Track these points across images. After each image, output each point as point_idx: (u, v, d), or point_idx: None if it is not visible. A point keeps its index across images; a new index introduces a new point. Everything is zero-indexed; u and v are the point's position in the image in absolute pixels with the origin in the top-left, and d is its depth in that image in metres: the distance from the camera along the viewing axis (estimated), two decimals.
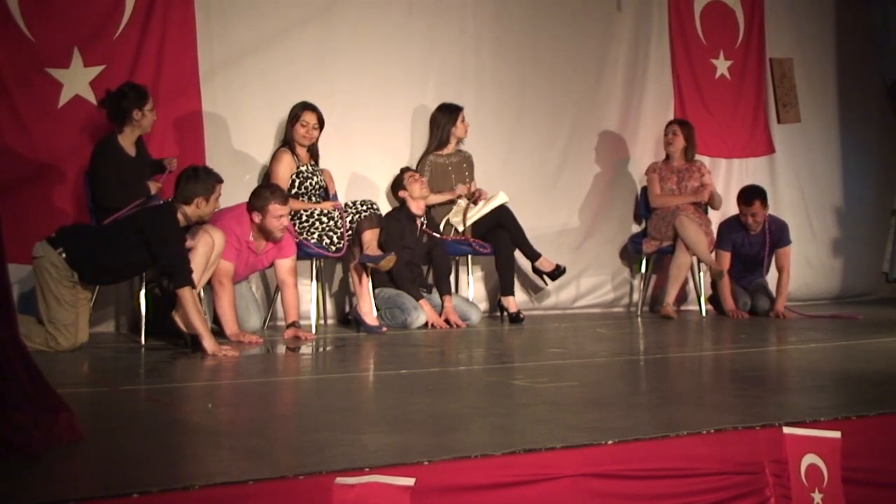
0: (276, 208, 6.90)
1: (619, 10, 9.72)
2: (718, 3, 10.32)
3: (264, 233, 6.98)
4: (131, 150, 6.93)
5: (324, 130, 7.83)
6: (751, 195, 8.97)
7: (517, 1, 9.22)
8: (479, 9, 9.02)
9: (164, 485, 2.83)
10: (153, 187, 6.98)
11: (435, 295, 8.04)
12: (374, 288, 7.74)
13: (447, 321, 7.85)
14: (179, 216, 6.29)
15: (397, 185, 8.07)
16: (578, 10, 9.52)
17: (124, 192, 6.75)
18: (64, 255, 6.15)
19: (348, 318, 7.88)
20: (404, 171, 8.10)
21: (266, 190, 6.96)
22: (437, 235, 8.15)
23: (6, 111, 6.99)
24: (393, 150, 8.58)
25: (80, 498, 2.73)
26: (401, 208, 8.03)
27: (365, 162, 8.41)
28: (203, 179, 6.37)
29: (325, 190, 7.78)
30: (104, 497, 2.75)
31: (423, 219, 8.06)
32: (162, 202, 6.56)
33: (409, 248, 7.94)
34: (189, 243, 6.40)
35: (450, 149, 8.51)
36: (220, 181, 6.48)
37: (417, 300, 7.79)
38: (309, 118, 7.67)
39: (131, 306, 7.19)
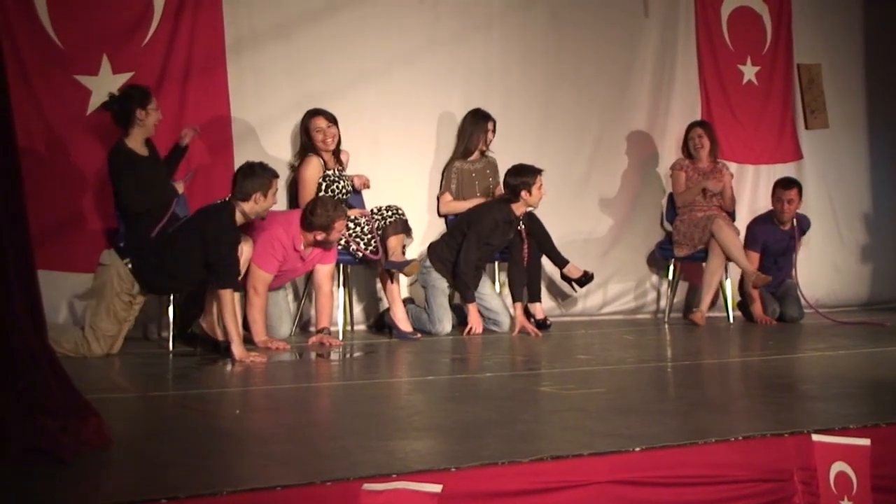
0: (341, 224, 6.95)
1: (646, 16, 9.69)
2: (746, 8, 10.29)
3: (323, 243, 6.99)
4: (143, 151, 6.92)
5: (353, 136, 7.83)
6: (790, 181, 9.07)
7: (543, 7, 9.21)
8: (505, 15, 9.01)
9: (192, 490, 2.84)
10: (180, 187, 6.99)
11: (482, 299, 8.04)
12: (432, 258, 7.81)
13: (521, 330, 7.81)
14: (238, 214, 6.33)
15: (520, 176, 7.88)
16: (605, 16, 9.50)
17: (147, 195, 6.75)
18: (130, 266, 6.20)
19: (384, 324, 7.81)
20: (537, 172, 7.91)
21: (326, 209, 6.89)
22: (521, 237, 8.05)
23: (36, 118, 7.03)
24: (419, 156, 8.59)
25: (108, 503, 2.75)
26: (502, 207, 7.93)
27: (392, 167, 8.39)
28: (260, 175, 6.39)
29: (357, 194, 7.79)
30: (132, 502, 2.76)
31: (521, 219, 7.99)
32: (220, 201, 6.58)
33: (490, 246, 7.92)
34: None
35: (475, 156, 8.52)
36: (276, 176, 6.52)
37: (468, 303, 7.78)
38: (319, 123, 7.66)
39: (159, 312, 7.21)
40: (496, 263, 8.51)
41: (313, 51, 8.11)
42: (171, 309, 6.77)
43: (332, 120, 7.71)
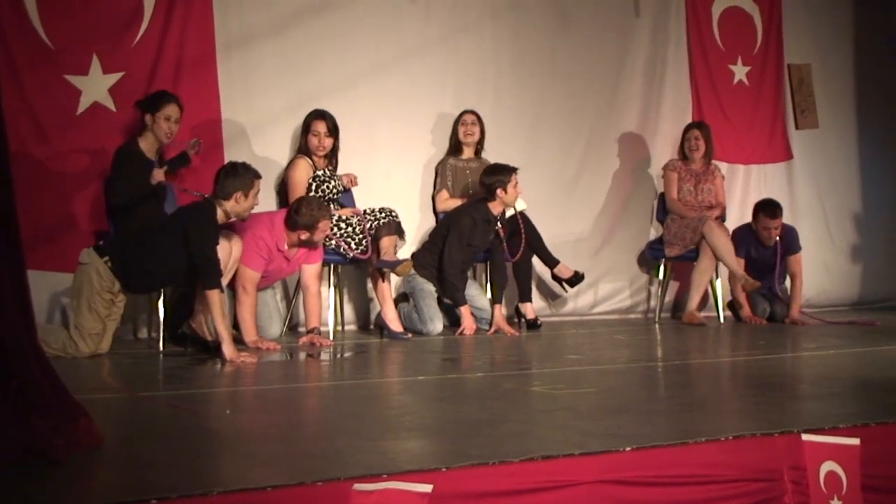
0: (325, 224, 6.96)
1: (637, 16, 9.71)
2: (736, 8, 10.31)
3: (307, 243, 6.99)
4: (151, 156, 6.96)
5: (345, 137, 7.83)
6: (775, 209, 8.91)
7: (535, 7, 9.22)
8: (496, 16, 9.02)
9: (183, 491, 2.84)
10: (156, 175, 6.88)
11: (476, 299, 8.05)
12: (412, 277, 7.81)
13: (497, 330, 7.83)
14: (220, 213, 6.33)
15: (495, 175, 7.91)
16: (596, 16, 9.51)
17: (130, 188, 6.73)
18: (109, 264, 6.19)
19: (378, 325, 7.79)
20: (512, 170, 7.92)
21: (310, 208, 6.91)
22: (500, 237, 8.04)
23: (26, 118, 7.01)
24: (412, 156, 8.60)
25: (99, 503, 2.74)
26: (479, 206, 7.95)
27: (385, 168, 8.40)
28: (241, 175, 6.39)
29: (347, 192, 7.80)
30: (122, 503, 2.76)
31: (498, 218, 8.00)
32: (201, 199, 6.57)
33: (473, 247, 7.94)
34: None
35: (468, 154, 8.52)
36: (259, 177, 6.51)
37: (460, 305, 7.79)
38: (319, 127, 7.67)
39: (150, 312, 7.20)
40: (487, 263, 8.51)
41: (305, 51, 8.10)
42: (161, 309, 6.77)
43: (333, 129, 7.72)
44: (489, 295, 8.23)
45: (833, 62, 10.93)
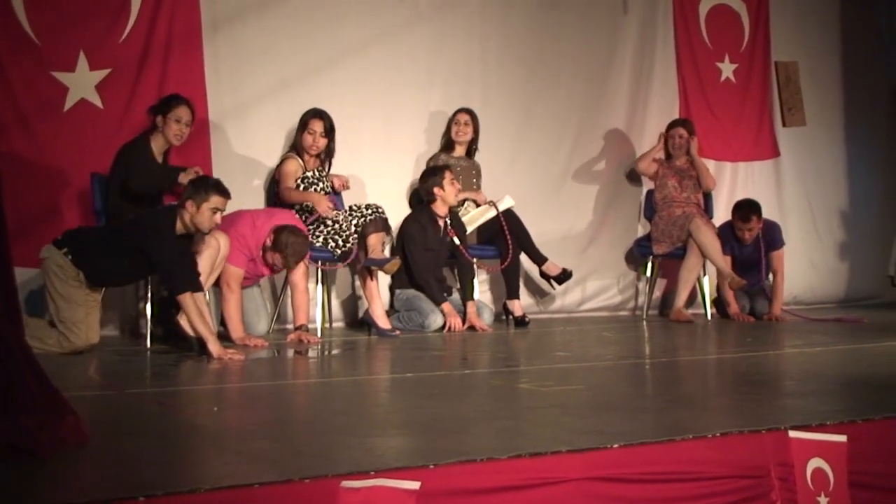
0: (277, 258, 6.89)
1: (625, 13, 9.71)
2: (724, 6, 10.32)
3: (268, 262, 6.98)
4: (158, 157, 6.96)
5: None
6: (748, 211, 8.92)
7: (522, 4, 9.22)
8: (484, 12, 9.02)
9: (170, 488, 2.83)
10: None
11: (455, 297, 8.03)
12: (395, 289, 7.85)
13: (471, 326, 7.84)
14: (178, 222, 6.19)
15: (430, 177, 7.96)
16: (584, 13, 9.52)
17: (140, 194, 6.76)
18: (69, 257, 6.15)
19: (363, 321, 7.80)
20: (444, 168, 7.97)
21: (289, 239, 6.82)
22: (457, 241, 8.06)
23: (12, 115, 7.00)
24: (400, 154, 8.60)
25: (86, 501, 2.74)
26: (422, 209, 7.99)
27: (372, 165, 8.40)
28: (200, 186, 6.22)
29: (336, 195, 7.79)
30: (110, 500, 2.75)
31: (446, 219, 8.03)
32: (166, 205, 6.53)
33: (432, 251, 7.93)
34: (195, 247, 6.38)
35: (459, 152, 8.51)
36: (221, 194, 6.23)
37: (440, 304, 7.78)
38: (316, 126, 7.65)
39: (136, 309, 7.19)
40: (474, 261, 8.50)
41: (292, 49, 8.09)
42: (148, 306, 6.75)
43: (329, 130, 7.71)
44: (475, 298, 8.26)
45: (820, 60, 10.95)
